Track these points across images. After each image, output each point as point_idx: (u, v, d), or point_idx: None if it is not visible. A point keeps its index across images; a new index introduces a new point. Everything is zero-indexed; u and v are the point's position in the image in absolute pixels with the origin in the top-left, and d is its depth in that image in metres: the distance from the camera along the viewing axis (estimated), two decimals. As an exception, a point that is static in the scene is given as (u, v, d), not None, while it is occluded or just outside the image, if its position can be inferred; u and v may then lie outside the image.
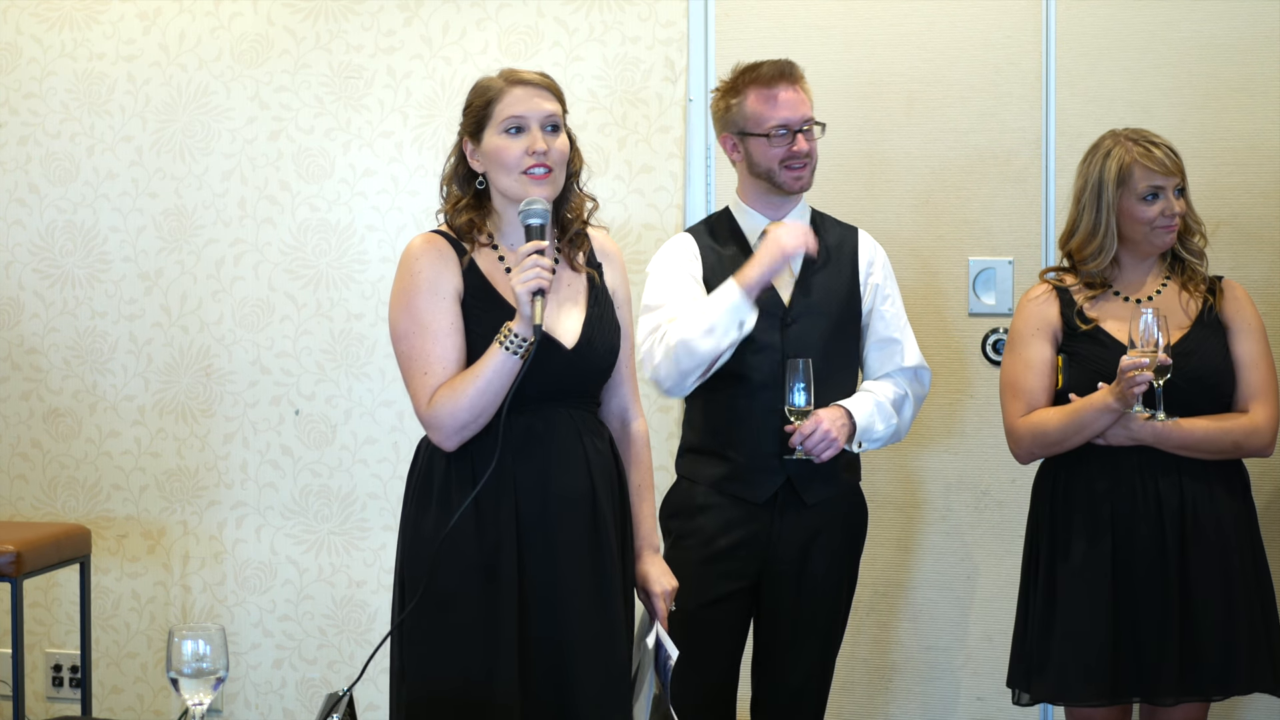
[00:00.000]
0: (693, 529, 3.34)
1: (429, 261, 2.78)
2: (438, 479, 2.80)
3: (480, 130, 2.81)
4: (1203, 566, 3.18)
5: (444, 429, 2.74)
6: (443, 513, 2.76)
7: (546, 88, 2.83)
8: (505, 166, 2.78)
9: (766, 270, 3.19)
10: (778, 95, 3.30)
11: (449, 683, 2.74)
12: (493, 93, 2.81)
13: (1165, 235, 3.26)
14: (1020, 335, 3.33)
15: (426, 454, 2.85)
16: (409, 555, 2.83)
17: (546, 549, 2.77)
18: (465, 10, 4.27)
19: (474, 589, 2.75)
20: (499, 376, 2.70)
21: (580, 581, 2.79)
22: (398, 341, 2.80)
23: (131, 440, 4.47)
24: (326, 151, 4.35)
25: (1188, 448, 3.19)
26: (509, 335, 2.69)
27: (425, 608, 2.74)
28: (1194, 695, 3.19)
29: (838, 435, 3.21)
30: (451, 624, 2.75)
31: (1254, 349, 3.25)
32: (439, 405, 2.73)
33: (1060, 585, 3.26)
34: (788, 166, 3.31)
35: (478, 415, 2.72)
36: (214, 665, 2.28)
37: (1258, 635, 3.21)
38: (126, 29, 4.44)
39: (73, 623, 4.51)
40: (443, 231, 2.85)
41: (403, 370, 2.80)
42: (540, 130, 2.78)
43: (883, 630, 4.12)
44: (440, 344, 2.75)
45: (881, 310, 3.41)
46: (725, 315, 3.17)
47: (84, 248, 4.48)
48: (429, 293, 2.76)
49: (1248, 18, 3.90)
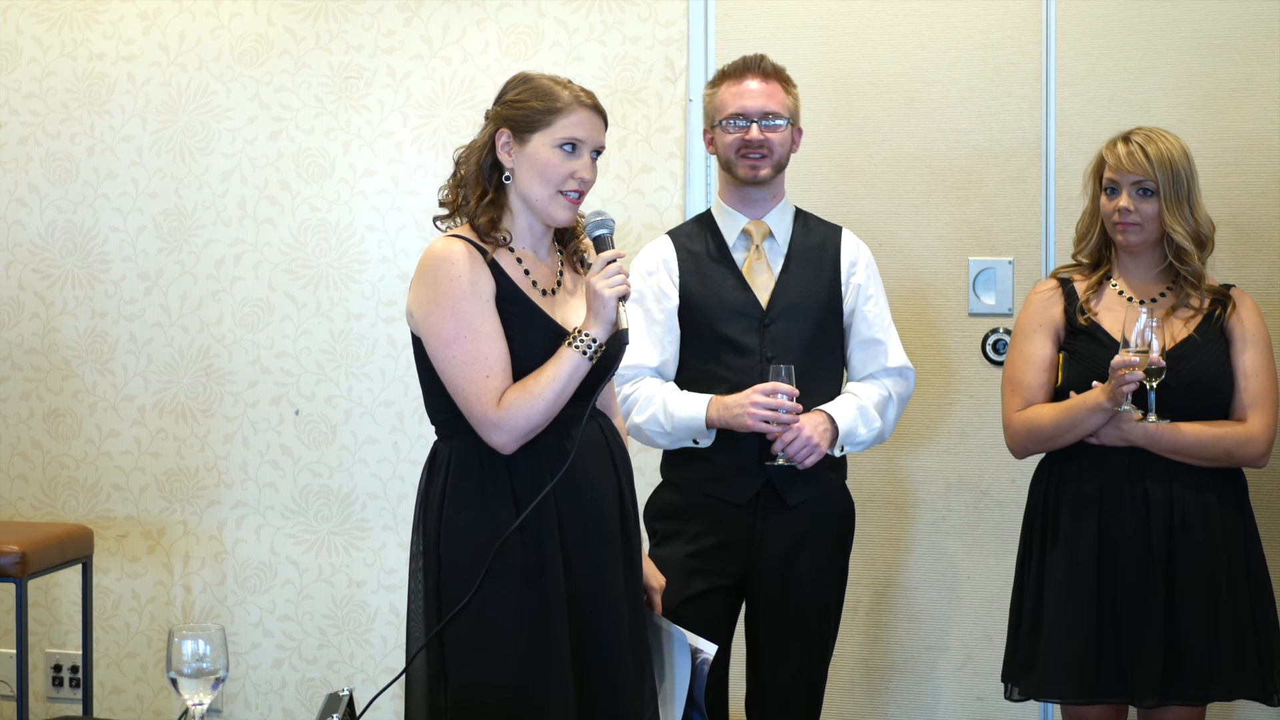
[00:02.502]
0: (676, 530, 3.36)
1: (466, 264, 2.73)
2: (474, 479, 2.77)
3: (530, 131, 2.77)
4: (1188, 569, 3.17)
5: (516, 431, 2.70)
6: (485, 512, 2.74)
7: (604, 116, 2.82)
8: (546, 179, 2.76)
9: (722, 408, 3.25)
10: (742, 85, 3.33)
11: (500, 690, 2.71)
12: (561, 104, 2.76)
13: (1120, 232, 3.25)
14: (1023, 330, 3.34)
15: (459, 455, 2.80)
16: (449, 559, 2.77)
17: (589, 546, 2.78)
18: (465, 10, 4.27)
19: (520, 591, 2.73)
20: (573, 379, 2.71)
21: (619, 580, 2.81)
22: (445, 346, 2.73)
23: (131, 440, 4.47)
24: (326, 151, 4.35)
25: (1179, 452, 3.18)
26: (582, 338, 2.72)
27: (468, 611, 2.72)
28: (1174, 699, 3.19)
29: (820, 441, 3.22)
30: (501, 628, 2.72)
31: (1256, 359, 3.24)
32: (512, 407, 2.69)
33: (1049, 582, 3.27)
34: (743, 155, 3.32)
35: (548, 417, 2.72)
36: (214, 665, 2.28)
37: (1245, 642, 3.19)
38: (126, 29, 4.44)
39: (73, 623, 4.52)
40: (462, 235, 2.78)
41: (455, 375, 2.73)
42: (589, 157, 2.79)
43: (881, 630, 4.13)
44: (496, 346, 2.72)
45: (864, 310, 3.41)
46: (683, 430, 3.29)
47: (84, 248, 4.48)
48: (472, 295, 2.72)
49: (1248, 17, 3.90)
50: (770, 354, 3.28)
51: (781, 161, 3.36)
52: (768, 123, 3.32)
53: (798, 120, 3.40)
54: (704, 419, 3.25)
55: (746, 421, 3.19)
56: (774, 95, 3.33)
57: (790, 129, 3.36)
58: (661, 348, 3.36)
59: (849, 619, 3.58)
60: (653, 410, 3.29)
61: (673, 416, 3.27)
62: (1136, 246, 3.26)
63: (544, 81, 2.81)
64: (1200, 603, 3.17)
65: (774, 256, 3.38)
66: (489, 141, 2.80)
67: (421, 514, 2.84)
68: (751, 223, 3.38)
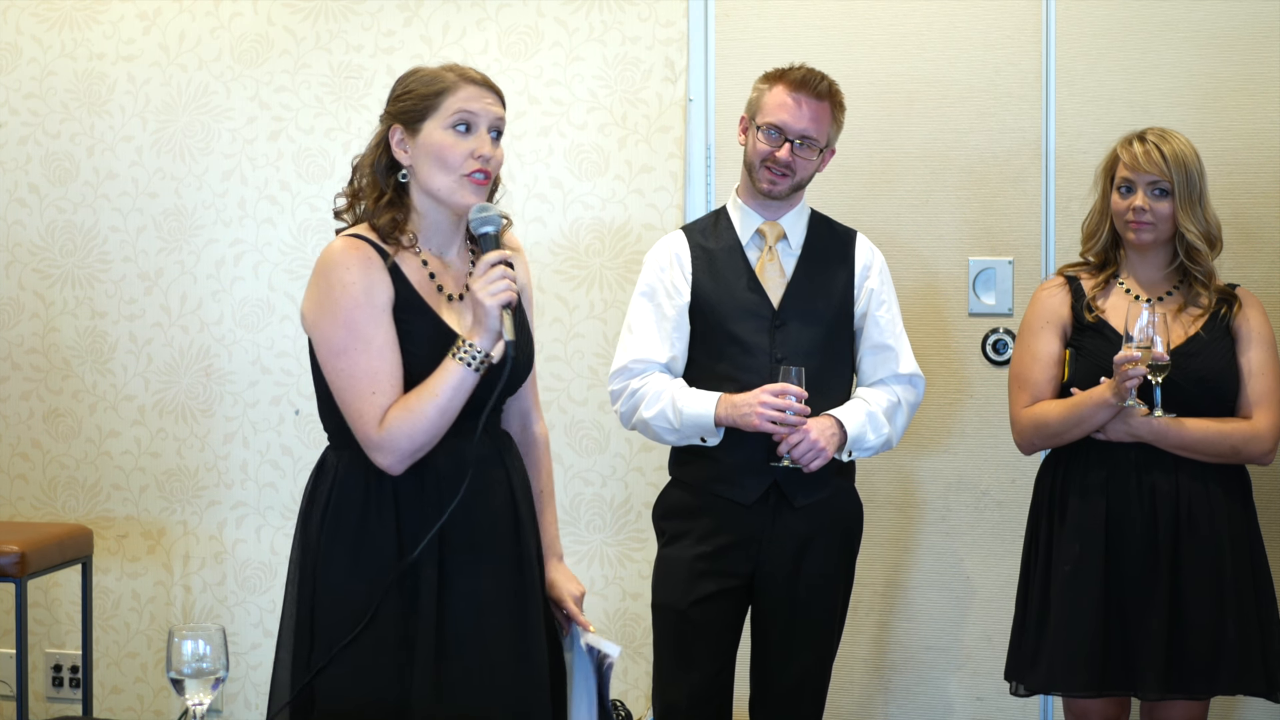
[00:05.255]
0: (685, 530, 3.35)
1: (361, 270, 2.55)
2: (356, 503, 2.61)
3: (420, 121, 2.60)
4: (1194, 565, 3.19)
5: (399, 452, 2.53)
6: (359, 544, 2.58)
7: (497, 93, 2.65)
8: (445, 165, 2.59)
9: (730, 407, 3.23)
10: (793, 99, 3.29)
11: (363, 704, 2.57)
12: (444, 84, 2.60)
13: (1134, 231, 3.26)
14: (1030, 327, 3.35)
15: (345, 471, 2.63)
16: (322, 596, 2.61)
17: (472, 564, 2.61)
18: (465, 10, 4.27)
19: (391, 607, 2.57)
20: (459, 393, 2.53)
21: (501, 595, 2.64)
22: (334, 357, 2.56)
23: (131, 440, 4.47)
24: (326, 151, 4.35)
25: (1186, 448, 3.19)
26: (467, 349, 2.52)
27: (341, 630, 2.56)
28: (1178, 692, 3.20)
29: (826, 445, 3.21)
30: (367, 643, 2.56)
31: (1262, 358, 3.26)
32: (394, 427, 2.52)
33: (1055, 576, 3.28)
34: (766, 167, 3.31)
35: (435, 436, 2.54)
36: (214, 665, 2.27)
37: (1249, 638, 3.20)
38: (126, 29, 4.44)
39: (72, 623, 4.52)
40: (362, 235, 2.61)
41: (341, 389, 2.56)
42: (487, 134, 2.61)
43: (882, 630, 4.13)
44: (386, 360, 2.54)
45: (877, 315, 3.40)
46: (691, 427, 3.28)
47: (84, 248, 4.48)
48: (366, 304, 2.54)
49: (1247, 17, 3.90)
50: (780, 355, 3.28)
51: (802, 182, 3.35)
52: (801, 145, 3.29)
53: (833, 144, 3.37)
54: (713, 417, 3.24)
55: (754, 421, 3.18)
56: (819, 120, 3.30)
57: (821, 154, 3.35)
58: (670, 343, 3.35)
59: (849, 619, 3.57)
60: (661, 406, 3.29)
61: (681, 413, 3.27)
62: (1148, 245, 3.27)
63: (428, 70, 2.66)
64: (1204, 597, 3.18)
65: (787, 258, 3.38)
66: (382, 141, 2.65)
67: (302, 527, 2.69)
68: (766, 223, 3.38)
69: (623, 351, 3.37)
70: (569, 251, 4.20)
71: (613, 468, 4.22)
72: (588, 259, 4.21)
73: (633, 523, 4.20)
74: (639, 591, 4.18)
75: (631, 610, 4.21)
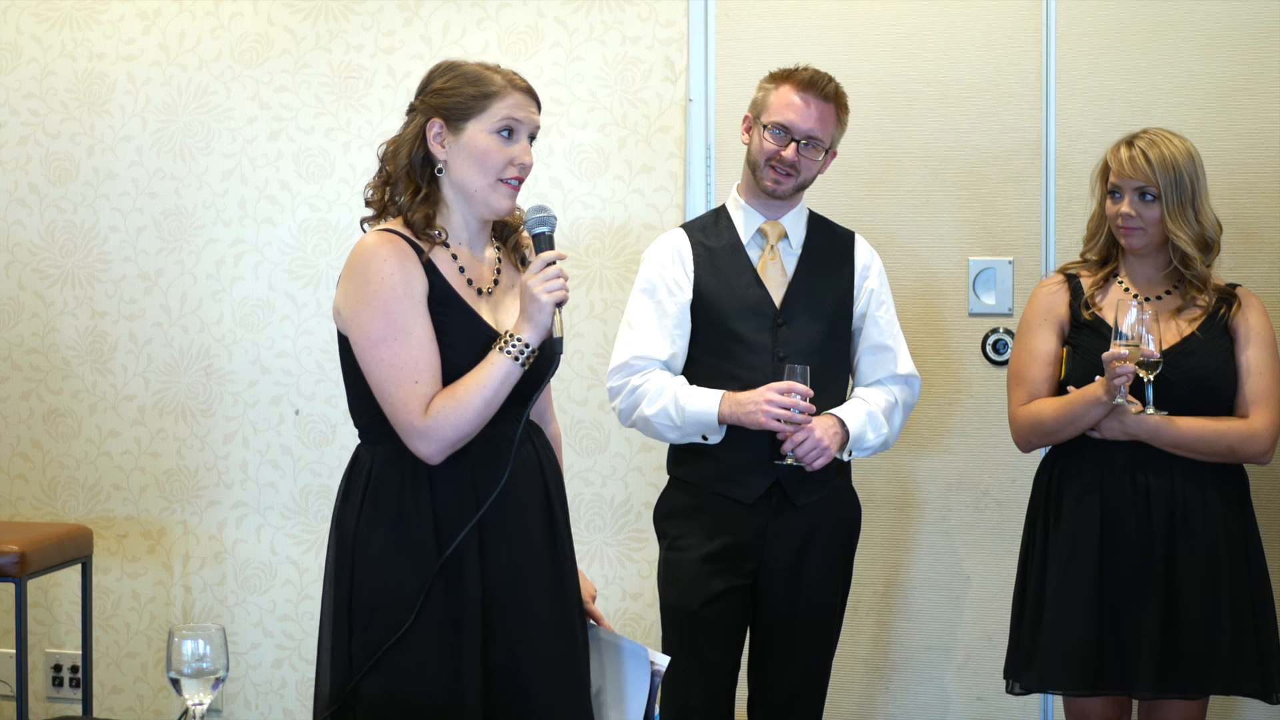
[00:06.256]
0: (688, 531, 3.35)
1: (398, 262, 2.58)
2: (392, 495, 2.63)
3: (463, 120, 2.63)
4: (1188, 565, 3.19)
5: (443, 441, 2.56)
6: (397, 530, 2.61)
7: (538, 101, 2.70)
8: (485, 168, 2.63)
9: (734, 404, 3.23)
10: (801, 99, 3.30)
11: (410, 700, 2.59)
12: (493, 88, 2.64)
13: (1124, 235, 3.27)
14: (1028, 324, 3.36)
15: (380, 464, 2.65)
16: (360, 584, 2.63)
17: (510, 559, 2.64)
18: (465, 10, 4.27)
19: (435, 603, 2.59)
20: (505, 386, 2.58)
21: (541, 590, 2.69)
22: (373, 347, 2.58)
23: (131, 440, 4.47)
24: (326, 151, 4.35)
25: (1181, 446, 3.19)
26: (514, 342, 2.58)
27: (385, 626, 2.59)
28: (1173, 692, 3.20)
29: (830, 444, 3.22)
30: (411, 641, 2.59)
31: (1260, 357, 3.25)
32: (440, 415, 2.55)
33: (1050, 575, 3.28)
34: (770, 166, 3.32)
35: (478, 427, 2.58)
36: (214, 665, 2.27)
37: (1244, 638, 3.20)
38: (126, 29, 4.44)
39: (72, 623, 4.52)
40: (396, 230, 2.64)
41: (382, 380, 2.58)
42: (528, 143, 2.67)
43: (882, 630, 4.13)
44: (426, 351, 2.57)
45: (875, 316, 3.41)
46: (694, 424, 3.27)
47: (84, 248, 4.48)
48: (405, 295, 2.58)
49: (1248, 17, 3.90)
50: (782, 354, 3.28)
51: (806, 182, 3.36)
52: (806, 145, 3.30)
53: (835, 146, 3.38)
54: (716, 414, 3.24)
55: (759, 419, 3.18)
56: (824, 121, 3.31)
57: (826, 156, 3.36)
58: (671, 341, 3.35)
59: (849, 618, 3.58)
60: (663, 403, 3.28)
61: (684, 410, 3.26)
62: (1140, 249, 3.27)
63: (473, 67, 2.67)
64: (1199, 597, 3.18)
65: (788, 257, 3.39)
66: (419, 134, 2.66)
67: (337, 525, 2.69)
68: (767, 222, 3.38)
69: (622, 348, 3.36)
70: (569, 251, 4.20)
71: (613, 468, 4.22)
72: (588, 259, 4.21)
73: (633, 523, 4.20)
74: (639, 591, 4.18)
75: (632, 610, 4.21)
